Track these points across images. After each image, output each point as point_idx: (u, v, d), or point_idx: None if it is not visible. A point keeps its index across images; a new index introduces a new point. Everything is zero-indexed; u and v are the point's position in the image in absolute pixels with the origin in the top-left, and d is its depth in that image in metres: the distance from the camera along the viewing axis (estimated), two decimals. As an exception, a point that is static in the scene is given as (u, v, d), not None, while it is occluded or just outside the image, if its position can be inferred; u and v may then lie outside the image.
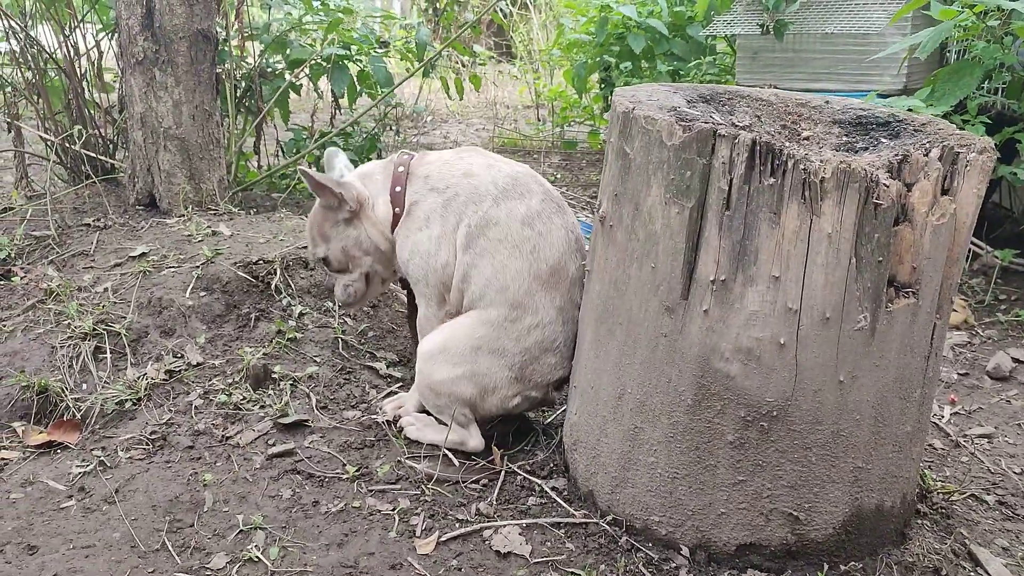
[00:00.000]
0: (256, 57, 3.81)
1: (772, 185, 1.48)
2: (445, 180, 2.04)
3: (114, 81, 3.48)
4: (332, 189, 2.07)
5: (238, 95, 3.67)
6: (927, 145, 1.57)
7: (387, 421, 2.13)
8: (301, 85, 3.97)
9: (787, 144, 1.53)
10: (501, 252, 1.95)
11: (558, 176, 4.83)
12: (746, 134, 1.50)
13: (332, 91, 3.94)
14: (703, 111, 1.74)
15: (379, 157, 4.07)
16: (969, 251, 2.50)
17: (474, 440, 2.04)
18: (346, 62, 3.92)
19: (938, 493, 1.93)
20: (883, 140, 1.71)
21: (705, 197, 1.54)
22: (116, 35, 3.20)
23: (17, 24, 3.14)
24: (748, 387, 1.57)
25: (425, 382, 2.01)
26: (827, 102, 1.90)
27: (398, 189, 2.08)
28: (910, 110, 2.70)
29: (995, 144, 1.61)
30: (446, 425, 2.03)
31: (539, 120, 6.52)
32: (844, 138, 1.75)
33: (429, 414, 2.10)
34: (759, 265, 1.52)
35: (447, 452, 2.02)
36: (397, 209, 2.09)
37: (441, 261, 2.01)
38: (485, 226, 1.97)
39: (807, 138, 1.76)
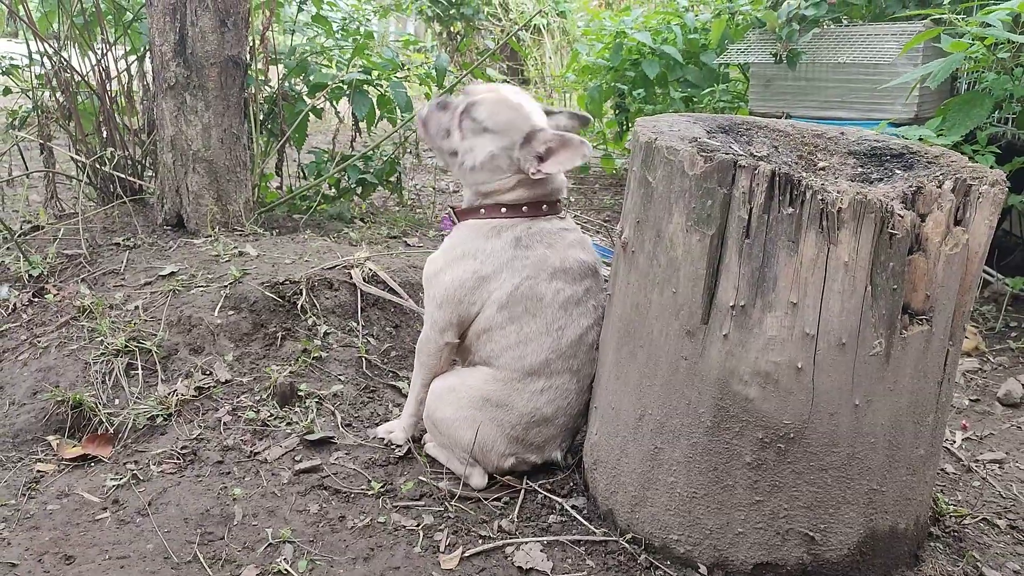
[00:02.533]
0: (279, 80, 3.90)
1: (791, 215, 1.54)
2: (532, 235, 1.99)
3: (141, 103, 3.56)
4: (554, 145, 1.95)
5: (260, 118, 3.75)
6: (940, 177, 1.62)
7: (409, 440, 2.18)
8: (322, 109, 4.05)
9: (805, 175, 1.58)
10: (531, 325, 1.97)
11: (572, 199, 4.89)
12: (766, 165, 1.55)
13: (353, 114, 4.02)
14: (722, 141, 1.80)
15: (399, 181, 4.14)
16: (980, 279, 2.54)
17: (476, 479, 2.04)
18: (367, 86, 4.00)
19: (950, 516, 1.97)
20: (897, 171, 1.77)
21: (725, 225, 1.60)
22: (148, 59, 3.30)
23: (51, 47, 3.23)
24: (766, 410, 1.62)
25: (431, 419, 2.04)
26: (842, 133, 1.96)
27: (525, 208, 2.01)
28: (921, 139, 2.76)
29: (1005, 175, 1.66)
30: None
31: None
32: (859, 169, 1.81)
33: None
34: (778, 291, 1.57)
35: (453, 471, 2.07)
36: (503, 209, 2.00)
37: (472, 299, 1.99)
38: (529, 297, 1.97)
39: (823, 168, 1.81)
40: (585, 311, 2.00)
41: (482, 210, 2.03)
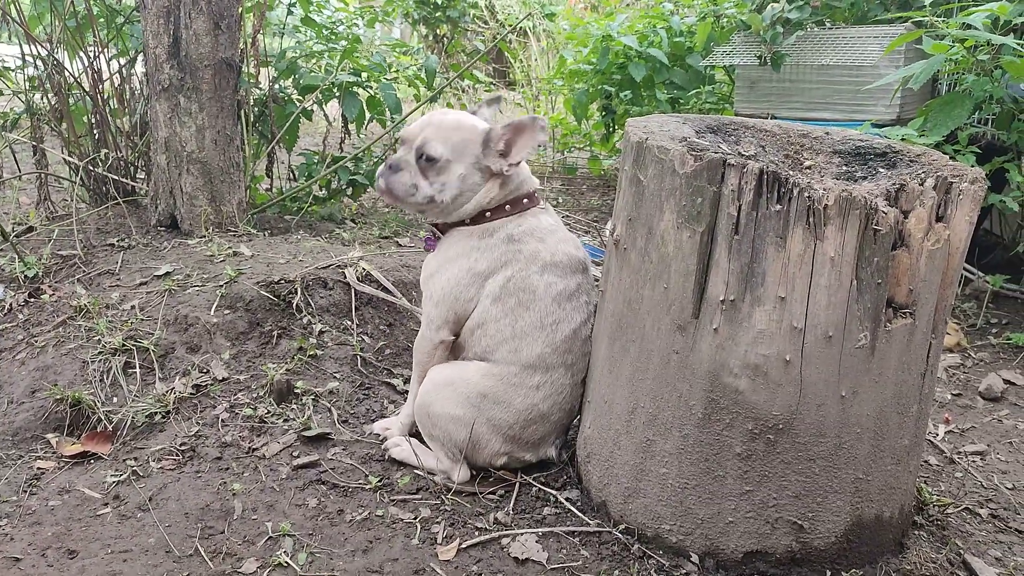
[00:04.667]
0: (269, 83, 3.93)
1: (779, 212, 1.59)
2: (526, 231, 2.04)
3: (129, 104, 3.57)
4: (509, 135, 2.02)
5: (251, 120, 3.77)
6: (922, 175, 1.68)
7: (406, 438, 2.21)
8: (312, 111, 4.08)
9: (792, 173, 1.63)
10: (525, 318, 2.01)
11: (560, 200, 4.94)
12: (754, 163, 1.60)
13: (343, 116, 4.05)
14: (711, 141, 1.85)
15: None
16: (961, 276, 2.60)
17: (461, 474, 2.06)
18: (356, 88, 4.04)
19: (934, 506, 2.02)
20: (881, 170, 1.82)
21: (715, 222, 1.64)
22: (139, 62, 3.32)
23: (45, 48, 3.25)
24: (756, 401, 1.67)
25: (425, 410, 2.05)
26: (827, 133, 2.02)
27: (507, 207, 2.06)
28: (904, 139, 2.82)
29: (985, 174, 1.72)
30: (430, 450, 2.10)
31: (539, 146, 6.64)
32: (844, 168, 1.86)
33: (418, 436, 2.16)
34: (766, 286, 1.62)
35: (439, 467, 2.07)
36: (488, 213, 2.06)
37: (467, 296, 2.04)
38: (522, 289, 2.01)
39: (809, 167, 1.86)
40: (578, 306, 2.05)
41: (467, 222, 2.08)
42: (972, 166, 1.77)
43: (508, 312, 2.02)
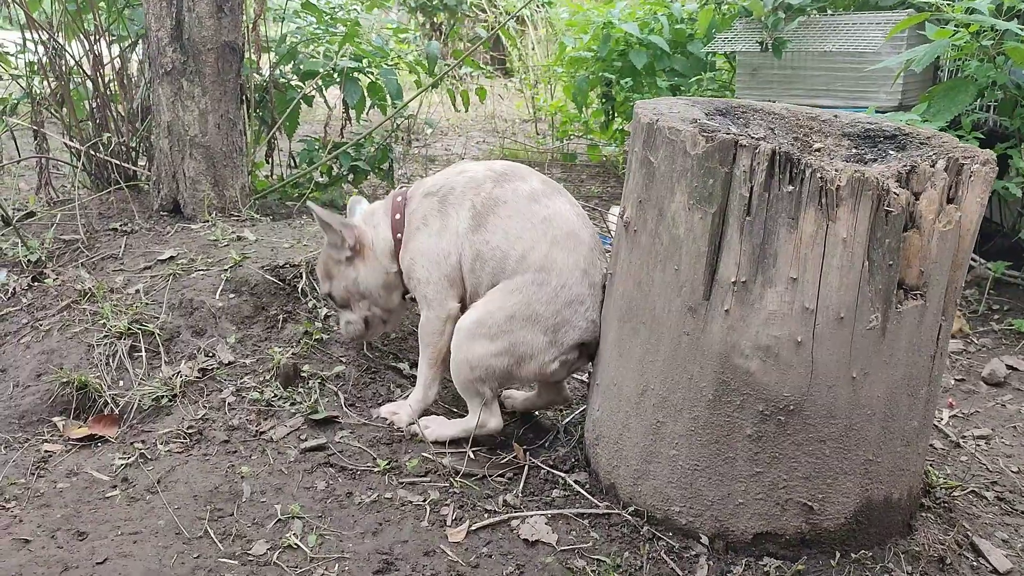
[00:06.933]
0: (270, 68, 3.91)
1: (791, 192, 1.58)
2: (438, 183, 2.15)
3: (132, 87, 3.56)
4: (334, 227, 2.18)
5: (251, 106, 3.76)
6: (933, 157, 1.68)
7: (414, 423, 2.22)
8: (313, 96, 4.07)
9: (804, 154, 1.63)
10: (514, 226, 2.03)
11: (561, 188, 4.93)
12: (766, 144, 1.60)
13: (344, 102, 4.03)
14: (720, 123, 1.85)
15: (391, 168, 4.17)
16: (971, 256, 2.59)
17: (494, 420, 2.10)
18: (358, 74, 4.02)
19: (941, 488, 2.03)
20: (891, 152, 1.82)
21: (727, 203, 1.64)
22: (142, 46, 3.30)
23: (47, 32, 3.23)
24: (766, 383, 1.67)
25: (462, 356, 2.04)
26: (836, 116, 2.01)
27: (397, 216, 2.18)
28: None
29: (990, 159, 1.72)
30: (459, 415, 2.12)
31: (538, 134, 6.63)
32: (854, 150, 1.86)
33: (429, 413, 2.20)
34: (778, 267, 1.62)
35: (470, 453, 2.10)
36: (398, 235, 2.18)
37: (443, 251, 2.08)
38: (493, 206, 2.05)
39: (818, 150, 1.87)
40: (556, 202, 2.07)
41: (397, 235, 2.19)
42: (979, 150, 1.77)
43: (495, 230, 2.04)
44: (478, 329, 2.02)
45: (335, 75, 3.92)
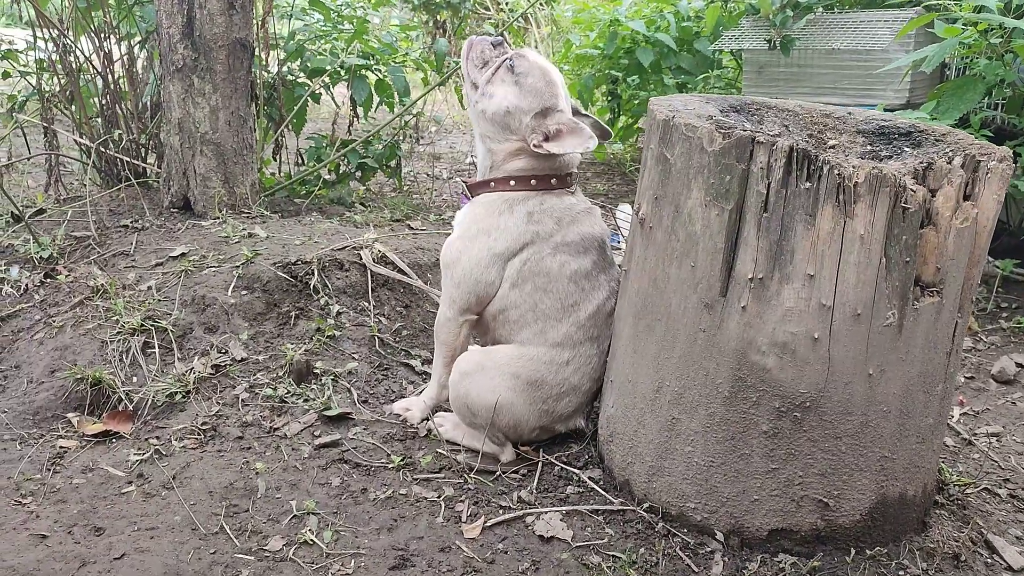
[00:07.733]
0: (277, 66, 3.91)
1: (808, 189, 1.59)
2: (542, 225, 2.04)
3: (139, 84, 3.56)
4: (565, 129, 2.02)
5: (260, 104, 3.76)
6: (949, 153, 1.68)
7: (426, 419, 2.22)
8: (320, 94, 4.07)
9: (820, 151, 1.63)
10: (545, 302, 2.02)
11: (567, 186, 4.93)
12: (783, 140, 1.60)
13: (352, 99, 4.04)
14: (735, 120, 1.85)
15: (399, 165, 4.17)
16: (987, 253, 2.59)
17: (507, 455, 2.08)
18: (365, 71, 4.02)
19: (954, 485, 2.03)
20: (906, 149, 1.82)
21: (743, 200, 1.64)
22: (150, 43, 3.30)
23: (58, 28, 3.23)
24: (783, 379, 1.67)
25: (462, 401, 2.05)
26: (850, 113, 2.01)
27: (533, 182, 2.05)
28: (917, 123, 2.81)
29: (1003, 156, 1.72)
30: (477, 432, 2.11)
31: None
32: (868, 147, 1.86)
33: (442, 409, 2.19)
34: (795, 264, 1.62)
35: (485, 451, 2.10)
36: (512, 183, 2.05)
37: (489, 278, 2.04)
38: (536, 273, 2.02)
39: (833, 146, 1.87)
40: (597, 284, 2.05)
41: (492, 183, 2.08)
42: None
43: (527, 297, 2.02)
44: (479, 376, 2.05)
45: (342, 72, 3.92)
